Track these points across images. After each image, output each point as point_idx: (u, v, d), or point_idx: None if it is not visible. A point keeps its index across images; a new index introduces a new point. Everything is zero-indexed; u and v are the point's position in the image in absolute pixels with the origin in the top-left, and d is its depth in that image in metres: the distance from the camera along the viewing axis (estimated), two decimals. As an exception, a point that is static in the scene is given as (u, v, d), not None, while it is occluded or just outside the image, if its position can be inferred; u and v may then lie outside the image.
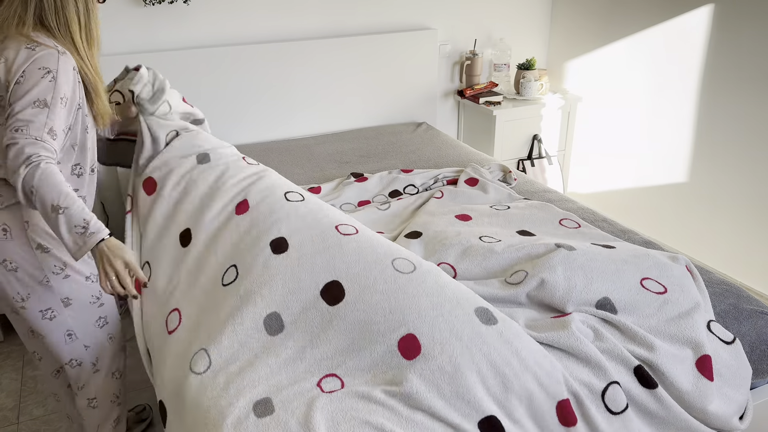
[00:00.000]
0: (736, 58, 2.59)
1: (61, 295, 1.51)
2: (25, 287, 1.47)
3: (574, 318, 1.46)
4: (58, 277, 1.49)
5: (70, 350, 1.58)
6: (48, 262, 1.48)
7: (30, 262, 1.46)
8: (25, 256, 1.45)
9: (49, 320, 1.51)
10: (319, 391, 1.30)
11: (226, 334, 1.42)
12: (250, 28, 2.92)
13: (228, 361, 1.39)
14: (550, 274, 1.57)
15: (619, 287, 1.56)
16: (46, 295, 1.49)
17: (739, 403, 1.46)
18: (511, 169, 2.49)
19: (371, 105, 3.22)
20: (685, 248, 3.00)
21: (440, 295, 1.41)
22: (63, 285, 1.51)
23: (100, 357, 1.65)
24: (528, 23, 3.52)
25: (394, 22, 3.20)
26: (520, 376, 1.30)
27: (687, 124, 2.87)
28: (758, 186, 2.60)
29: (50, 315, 1.51)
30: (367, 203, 2.27)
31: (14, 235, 1.43)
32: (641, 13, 2.98)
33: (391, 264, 1.48)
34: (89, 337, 1.60)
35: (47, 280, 1.48)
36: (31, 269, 1.46)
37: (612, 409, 1.34)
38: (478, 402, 1.26)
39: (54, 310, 1.51)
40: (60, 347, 1.56)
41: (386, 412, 1.25)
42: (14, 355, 2.51)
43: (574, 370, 1.38)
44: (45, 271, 1.47)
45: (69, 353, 1.59)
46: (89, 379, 1.66)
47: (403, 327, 1.35)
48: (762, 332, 1.60)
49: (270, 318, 1.44)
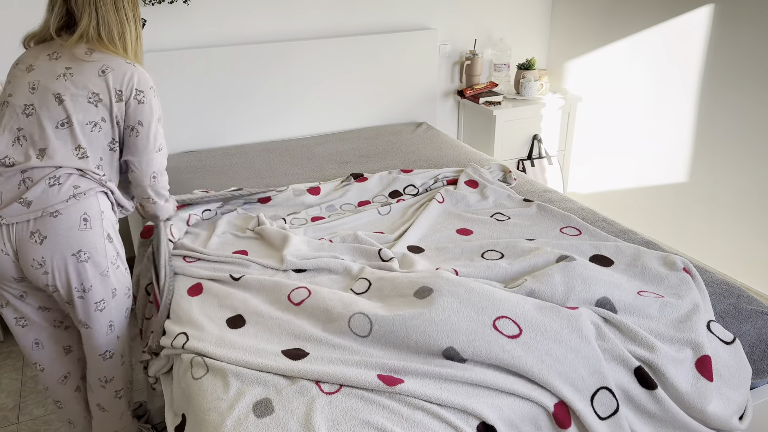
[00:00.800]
0: (736, 58, 2.59)
1: (112, 286, 1.58)
2: (89, 279, 1.52)
3: (581, 314, 1.46)
4: (113, 267, 1.57)
5: (107, 341, 1.64)
6: (110, 252, 1.55)
7: (100, 252, 1.52)
8: (97, 247, 1.51)
9: (100, 312, 1.58)
10: (318, 392, 1.30)
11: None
12: (250, 28, 2.92)
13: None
14: (548, 278, 1.59)
15: (617, 292, 1.58)
16: (102, 286, 1.55)
17: (739, 404, 1.46)
18: (511, 169, 2.49)
19: (371, 105, 3.22)
20: (684, 248, 3.00)
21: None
22: (115, 275, 1.58)
23: (125, 348, 1.72)
24: (528, 23, 3.52)
25: (394, 22, 3.20)
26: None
27: (687, 124, 2.87)
28: (758, 186, 2.60)
29: (102, 306, 1.57)
30: (367, 203, 2.27)
31: (93, 225, 1.49)
32: (641, 13, 2.98)
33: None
34: (121, 328, 1.66)
35: (107, 271, 1.55)
36: (100, 259, 1.52)
37: (600, 414, 1.34)
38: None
39: (105, 301, 1.58)
40: (101, 339, 1.62)
41: (386, 413, 1.25)
42: (14, 355, 2.51)
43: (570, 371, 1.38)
44: (107, 262, 1.54)
45: (106, 344, 1.64)
46: (117, 371, 1.71)
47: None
48: (762, 332, 1.60)
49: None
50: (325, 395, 1.29)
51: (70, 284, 1.51)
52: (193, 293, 1.68)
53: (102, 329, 1.61)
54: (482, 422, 1.25)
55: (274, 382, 1.33)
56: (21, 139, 1.48)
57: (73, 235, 1.47)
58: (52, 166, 1.46)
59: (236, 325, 1.55)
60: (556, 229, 1.99)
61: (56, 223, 1.45)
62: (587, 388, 1.34)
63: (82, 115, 1.50)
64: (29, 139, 1.48)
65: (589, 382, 1.34)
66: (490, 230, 2.00)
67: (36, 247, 1.45)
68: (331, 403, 1.27)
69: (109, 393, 1.74)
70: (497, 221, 2.06)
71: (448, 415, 1.24)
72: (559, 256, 1.73)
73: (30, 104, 1.49)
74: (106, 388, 1.73)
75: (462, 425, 1.23)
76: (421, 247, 1.90)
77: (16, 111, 1.49)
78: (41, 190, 1.45)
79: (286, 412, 1.25)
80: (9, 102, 1.51)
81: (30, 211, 1.44)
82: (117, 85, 1.52)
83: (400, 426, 1.22)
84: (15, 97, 1.50)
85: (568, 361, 1.35)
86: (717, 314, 1.61)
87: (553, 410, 1.29)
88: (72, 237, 1.47)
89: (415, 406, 1.26)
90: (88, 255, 1.50)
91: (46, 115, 1.48)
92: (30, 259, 1.47)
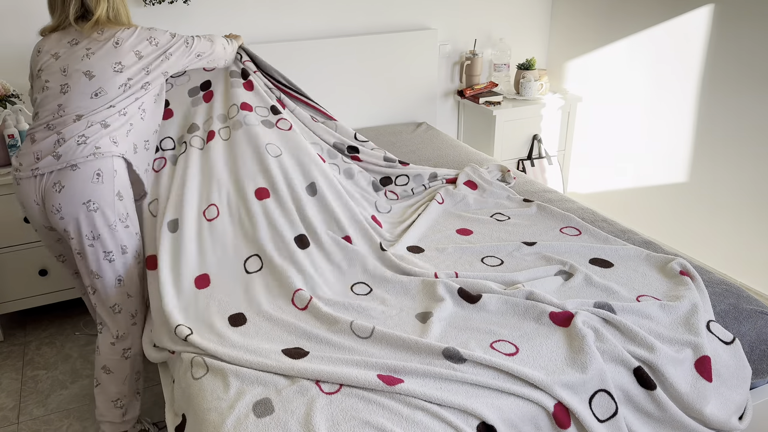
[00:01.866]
0: (736, 58, 2.59)
1: (121, 242, 1.75)
2: (97, 228, 1.71)
3: (577, 321, 1.46)
4: (121, 225, 1.75)
5: (116, 294, 1.79)
6: (119, 209, 1.74)
7: (109, 206, 1.72)
8: (107, 200, 1.71)
9: (109, 263, 1.75)
10: (318, 392, 1.30)
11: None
12: (250, 28, 2.92)
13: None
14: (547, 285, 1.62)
15: (616, 297, 1.58)
16: (111, 238, 1.73)
17: (738, 404, 1.46)
18: (510, 168, 2.49)
19: (371, 105, 3.22)
20: (684, 248, 3.00)
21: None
22: (123, 233, 1.76)
23: (138, 310, 1.85)
24: (528, 23, 3.52)
25: (394, 22, 3.20)
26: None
27: (687, 124, 2.87)
28: (758, 186, 2.60)
29: (111, 258, 1.75)
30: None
31: (105, 180, 1.71)
32: (641, 13, 2.98)
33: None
34: (132, 288, 1.81)
35: (114, 226, 1.73)
36: (108, 212, 1.72)
37: (599, 417, 1.34)
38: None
39: (113, 254, 1.75)
40: (110, 290, 1.78)
41: (386, 413, 1.25)
42: (14, 355, 2.51)
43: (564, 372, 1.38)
44: (115, 217, 1.73)
45: (115, 298, 1.79)
46: (128, 330, 1.83)
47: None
48: (762, 332, 1.60)
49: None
50: (325, 395, 1.29)
51: (81, 231, 1.70)
52: (201, 285, 1.72)
53: (111, 281, 1.76)
54: (482, 422, 1.25)
55: (274, 382, 1.33)
56: (61, 110, 1.76)
57: (87, 187, 1.69)
58: (84, 128, 1.73)
59: (237, 323, 1.56)
60: (556, 229, 1.99)
61: (74, 175, 1.69)
62: (585, 390, 1.34)
63: (111, 83, 1.78)
64: (67, 109, 1.75)
65: (588, 385, 1.34)
66: (490, 230, 2.00)
67: (56, 195, 1.69)
68: (331, 403, 1.27)
69: (117, 351, 1.84)
70: (497, 221, 2.06)
71: (448, 415, 1.24)
72: (558, 270, 1.73)
73: (65, 83, 1.77)
74: (116, 346, 1.84)
75: (462, 425, 1.23)
76: (420, 247, 1.90)
77: (54, 92, 1.77)
78: (70, 147, 1.70)
79: (286, 412, 1.25)
80: (47, 86, 1.79)
81: (58, 164, 1.69)
82: (132, 47, 1.83)
83: (400, 426, 1.22)
84: (51, 82, 1.79)
85: (565, 370, 1.36)
86: (717, 314, 1.61)
87: (553, 410, 1.29)
88: (86, 188, 1.69)
89: (415, 406, 1.26)
90: (97, 206, 1.70)
91: (81, 89, 1.76)
92: (51, 206, 1.70)
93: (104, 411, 1.88)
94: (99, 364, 1.87)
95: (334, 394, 1.29)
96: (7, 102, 2.44)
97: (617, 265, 1.76)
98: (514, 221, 2.05)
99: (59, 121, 1.75)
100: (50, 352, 2.52)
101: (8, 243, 2.47)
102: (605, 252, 1.82)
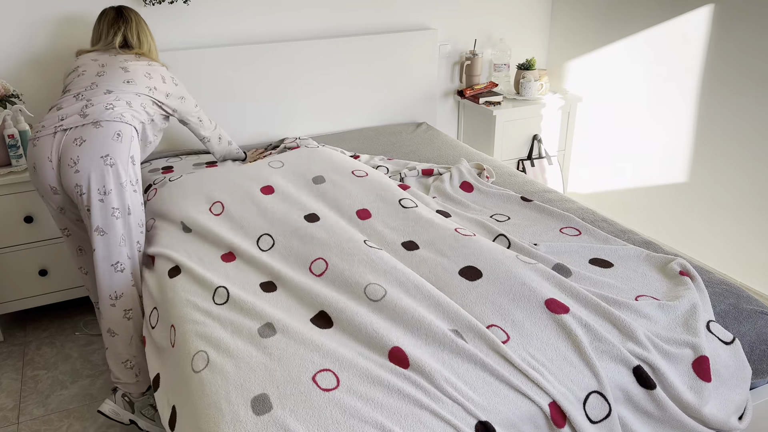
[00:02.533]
0: (736, 58, 2.59)
1: (127, 201, 1.88)
2: (110, 182, 1.84)
3: (571, 321, 1.46)
4: (131, 186, 1.90)
5: (120, 252, 1.88)
6: (130, 172, 1.90)
7: (124, 163, 1.87)
8: (122, 159, 1.87)
9: (116, 219, 1.86)
10: (317, 389, 1.30)
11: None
12: (250, 28, 2.93)
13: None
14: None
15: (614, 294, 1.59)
16: (119, 196, 1.86)
17: (738, 404, 1.46)
18: (485, 166, 2.48)
19: (371, 105, 3.22)
20: (684, 248, 3.00)
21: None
22: (131, 195, 1.89)
23: (135, 274, 1.94)
24: (528, 23, 3.52)
25: (394, 22, 3.20)
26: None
27: (687, 124, 2.87)
28: (758, 186, 2.60)
29: (117, 214, 1.86)
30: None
31: (123, 140, 1.89)
32: (641, 13, 2.98)
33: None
34: (132, 250, 1.92)
35: (125, 185, 1.87)
36: (121, 169, 1.86)
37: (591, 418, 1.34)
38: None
39: (120, 211, 1.87)
40: (114, 247, 1.87)
41: (385, 411, 1.25)
42: (14, 355, 2.51)
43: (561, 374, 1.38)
44: (127, 177, 1.88)
45: (118, 255, 1.88)
46: (127, 290, 1.91)
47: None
48: (762, 332, 1.60)
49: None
50: (323, 392, 1.29)
51: (93, 186, 1.82)
52: (227, 259, 1.83)
53: (116, 238, 1.86)
54: (481, 421, 1.25)
55: (273, 379, 1.33)
56: (94, 85, 1.99)
57: (107, 142, 1.85)
58: (113, 99, 1.95)
59: (269, 289, 1.68)
60: (556, 229, 1.99)
61: (96, 132, 1.85)
62: (578, 391, 1.34)
63: (141, 80, 2.06)
64: (100, 86, 1.99)
65: (581, 385, 1.34)
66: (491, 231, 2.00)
67: (75, 149, 1.83)
68: (330, 400, 1.27)
69: (118, 312, 1.91)
70: (497, 221, 2.06)
71: (447, 414, 1.24)
72: (555, 264, 1.74)
73: (102, 72, 2.04)
74: (116, 306, 1.91)
75: (461, 424, 1.23)
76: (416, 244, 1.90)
77: (90, 74, 2.03)
78: (98, 109, 1.90)
79: (284, 410, 1.25)
80: (83, 72, 2.05)
81: (83, 120, 1.86)
82: (162, 73, 2.17)
83: (399, 425, 1.22)
84: (88, 70, 2.05)
85: (556, 366, 1.37)
86: (717, 314, 1.61)
87: (549, 409, 1.29)
88: (106, 144, 1.84)
89: (414, 405, 1.26)
90: (113, 161, 1.84)
91: (115, 75, 2.03)
92: (68, 159, 1.83)
93: (118, 374, 1.97)
94: (104, 328, 1.94)
95: (332, 391, 1.29)
96: (7, 102, 2.44)
97: (617, 266, 1.76)
98: (514, 221, 2.05)
99: (90, 93, 1.96)
100: (50, 352, 2.52)
101: (8, 243, 2.47)
102: (605, 252, 1.82)
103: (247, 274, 1.75)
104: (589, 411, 1.33)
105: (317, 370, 1.35)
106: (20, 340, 2.60)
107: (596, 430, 1.32)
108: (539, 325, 1.47)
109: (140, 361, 1.97)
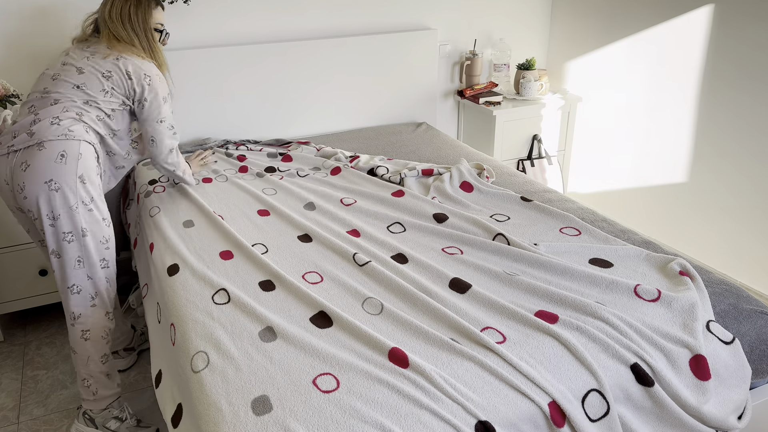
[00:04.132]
0: (736, 58, 2.59)
1: (80, 224, 1.79)
2: (57, 207, 1.76)
3: (561, 329, 1.47)
4: (84, 207, 1.80)
5: (75, 275, 1.83)
6: (81, 192, 1.79)
7: (70, 188, 1.77)
8: (68, 181, 1.76)
9: (68, 243, 1.79)
10: (316, 390, 1.30)
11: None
12: (250, 28, 2.93)
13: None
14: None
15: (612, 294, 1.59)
16: (70, 220, 1.78)
17: (737, 403, 1.46)
18: (485, 166, 2.48)
19: (371, 105, 3.22)
20: (684, 248, 3.00)
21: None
22: (85, 216, 1.80)
23: (98, 293, 1.89)
24: (528, 23, 3.52)
25: (394, 22, 3.20)
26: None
27: (687, 124, 2.87)
28: (758, 186, 2.60)
29: (69, 239, 1.79)
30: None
31: (68, 162, 1.77)
32: (641, 14, 2.98)
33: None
34: (93, 270, 1.85)
35: (75, 207, 1.78)
36: (69, 193, 1.76)
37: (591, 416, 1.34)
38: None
39: (73, 234, 1.79)
40: (69, 270, 1.82)
41: (385, 411, 1.25)
42: (14, 355, 2.51)
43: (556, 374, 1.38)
44: (77, 199, 1.78)
45: (74, 278, 1.83)
46: (86, 311, 1.88)
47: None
48: (762, 332, 1.60)
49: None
50: (324, 394, 1.29)
51: (42, 211, 1.75)
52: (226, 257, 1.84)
53: (71, 261, 1.81)
54: (480, 421, 1.25)
55: (273, 382, 1.33)
56: (45, 95, 1.89)
57: (50, 166, 1.75)
58: (59, 111, 1.84)
59: (268, 288, 1.69)
60: (556, 229, 1.99)
61: (39, 155, 1.75)
62: (577, 390, 1.34)
63: (96, 83, 1.92)
64: (51, 94, 1.88)
65: (578, 383, 1.35)
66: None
67: (21, 174, 1.75)
68: (330, 401, 1.27)
69: (76, 332, 1.89)
70: (497, 221, 2.06)
71: (447, 414, 1.24)
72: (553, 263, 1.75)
73: (56, 75, 1.93)
74: (75, 327, 1.89)
75: (461, 424, 1.23)
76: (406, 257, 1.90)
77: (46, 77, 1.94)
78: (44, 126, 1.79)
79: (284, 410, 1.25)
80: (44, 73, 1.96)
81: (30, 141, 1.77)
82: (127, 69, 1.98)
83: (399, 425, 1.22)
84: (48, 70, 1.96)
85: (554, 365, 1.37)
86: (717, 314, 1.61)
87: (548, 409, 1.30)
88: (49, 168, 1.75)
89: (414, 405, 1.26)
90: (58, 186, 1.75)
91: (67, 78, 1.91)
92: (16, 184, 1.76)
93: (79, 388, 1.98)
94: (70, 344, 1.96)
95: (332, 392, 1.29)
96: (7, 102, 2.44)
97: (617, 265, 1.76)
98: (514, 221, 2.05)
99: (40, 103, 1.87)
100: (50, 352, 2.52)
101: (8, 243, 2.47)
102: (605, 252, 1.82)
103: (246, 273, 1.75)
104: (588, 409, 1.33)
105: (318, 374, 1.35)
106: (20, 340, 2.60)
107: (596, 428, 1.32)
108: (532, 335, 1.48)
109: (98, 381, 1.95)
